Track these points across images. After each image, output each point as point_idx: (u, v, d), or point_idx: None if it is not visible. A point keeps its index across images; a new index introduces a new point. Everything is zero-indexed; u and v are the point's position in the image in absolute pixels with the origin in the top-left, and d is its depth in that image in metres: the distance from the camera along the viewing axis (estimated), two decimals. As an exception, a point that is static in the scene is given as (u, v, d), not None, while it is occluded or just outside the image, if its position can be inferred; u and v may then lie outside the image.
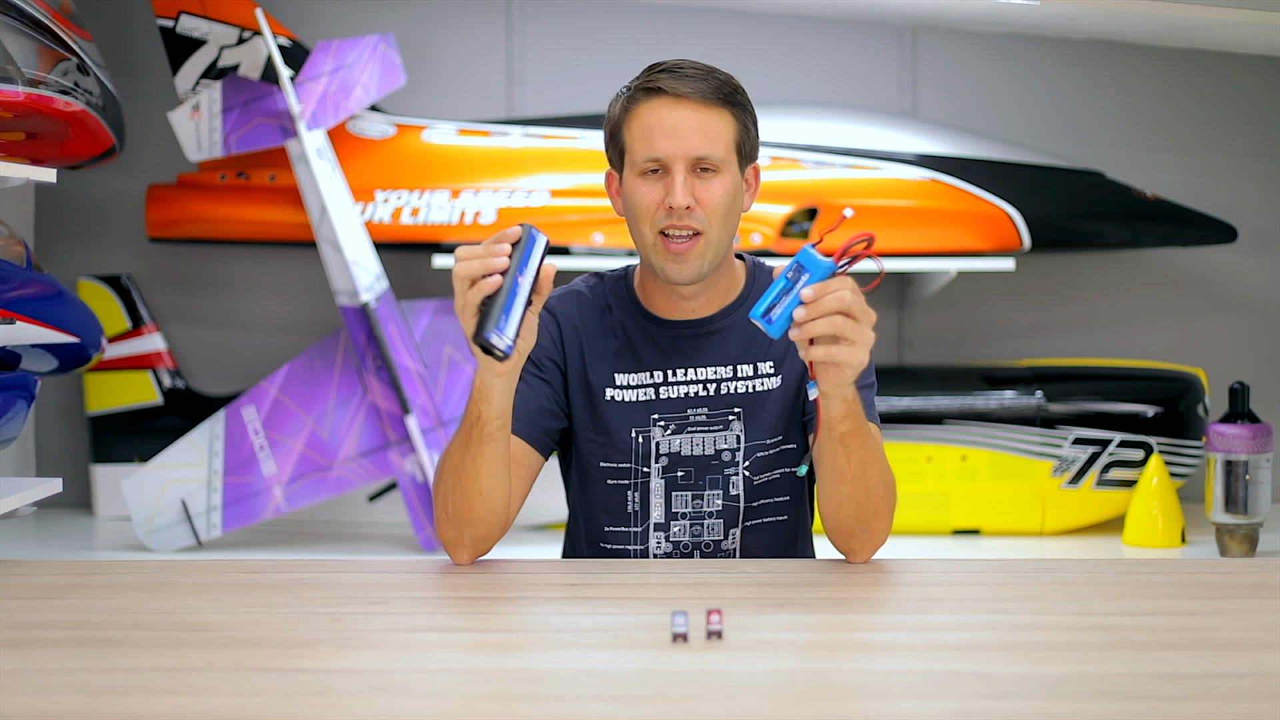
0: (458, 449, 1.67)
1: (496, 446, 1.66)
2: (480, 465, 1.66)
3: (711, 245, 1.75)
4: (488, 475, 1.67)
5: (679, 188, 1.72)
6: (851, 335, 1.51)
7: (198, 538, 3.18)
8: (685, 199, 1.71)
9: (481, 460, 1.66)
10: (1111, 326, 3.75)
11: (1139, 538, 3.21)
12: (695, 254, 1.74)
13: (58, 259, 3.53)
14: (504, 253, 1.54)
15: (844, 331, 1.50)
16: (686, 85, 1.73)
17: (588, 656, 1.33)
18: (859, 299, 1.51)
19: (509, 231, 1.57)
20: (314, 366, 3.26)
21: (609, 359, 1.83)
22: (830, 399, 1.60)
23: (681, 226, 1.72)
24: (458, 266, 1.55)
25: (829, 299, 1.50)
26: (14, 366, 2.43)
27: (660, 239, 1.74)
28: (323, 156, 3.22)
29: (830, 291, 1.50)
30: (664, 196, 1.73)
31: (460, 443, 1.67)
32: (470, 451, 1.66)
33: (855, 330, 1.51)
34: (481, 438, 1.65)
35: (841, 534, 1.72)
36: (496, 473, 1.68)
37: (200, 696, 1.21)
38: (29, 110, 2.39)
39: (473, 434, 1.65)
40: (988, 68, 3.74)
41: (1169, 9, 3.13)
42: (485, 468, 1.67)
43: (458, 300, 1.56)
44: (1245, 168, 3.74)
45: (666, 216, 1.73)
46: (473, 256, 1.55)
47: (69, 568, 1.79)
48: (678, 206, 1.71)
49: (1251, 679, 1.25)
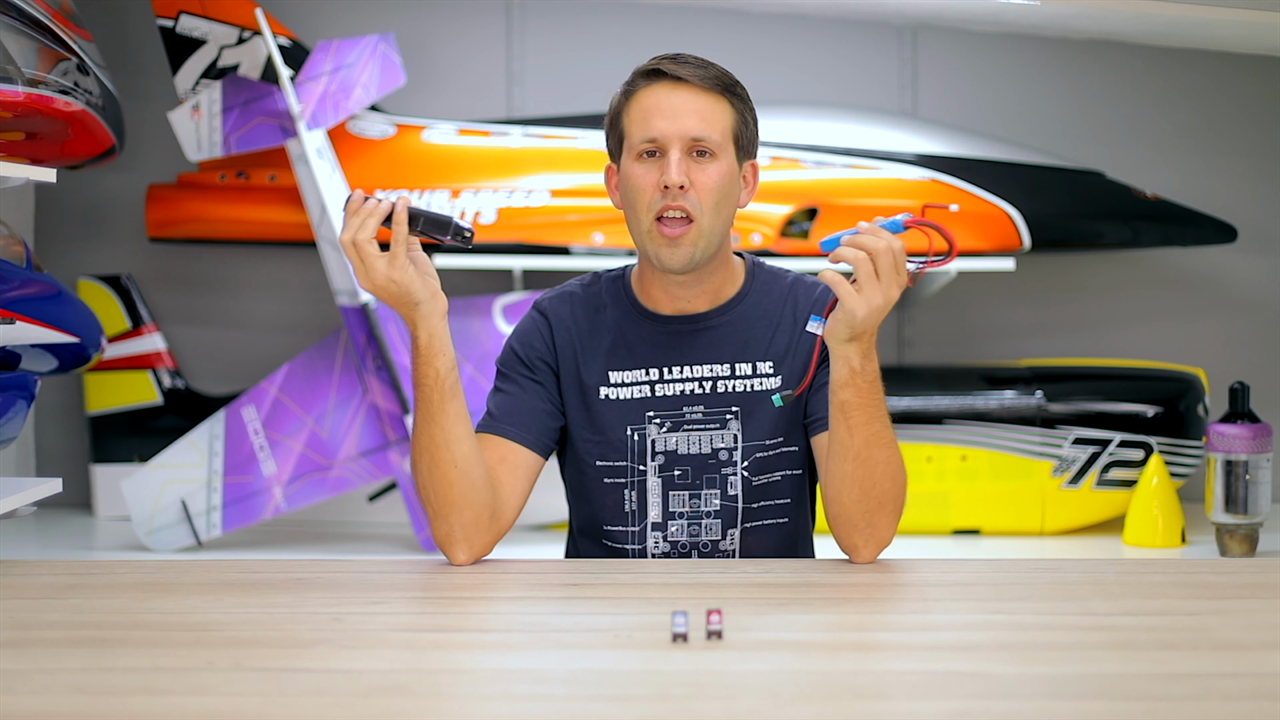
0: (421, 427, 1.68)
1: (459, 404, 1.69)
2: (448, 430, 1.67)
3: (704, 233, 1.74)
4: (458, 440, 1.68)
5: (674, 166, 1.72)
6: (864, 281, 1.58)
7: (198, 538, 3.18)
8: (680, 178, 1.72)
9: (448, 424, 1.67)
10: (1111, 326, 3.75)
11: (1139, 538, 3.21)
12: (687, 240, 1.74)
13: (58, 259, 3.53)
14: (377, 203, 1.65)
15: (861, 273, 1.58)
16: (685, 70, 1.75)
17: (588, 656, 1.33)
18: (891, 257, 1.58)
19: (353, 200, 1.66)
20: (314, 366, 3.26)
21: (603, 356, 1.83)
22: (836, 358, 1.64)
23: (675, 208, 1.73)
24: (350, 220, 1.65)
25: (872, 239, 1.59)
26: (14, 366, 2.43)
27: (655, 225, 1.74)
28: (323, 156, 3.22)
29: (879, 236, 1.59)
30: (659, 178, 1.73)
31: (422, 417, 1.68)
32: (435, 420, 1.67)
33: (870, 280, 1.58)
34: (444, 396, 1.67)
35: (845, 526, 1.71)
36: (466, 436, 1.69)
37: (200, 696, 1.21)
38: (29, 110, 2.39)
39: (433, 398, 1.67)
40: (988, 68, 3.74)
41: (1169, 9, 3.13)
42: (453, 431, 1.67)
43: (347, 233, 1.64)
44: (1245, 168, 3.74)
45: (661, 198, 1.73)
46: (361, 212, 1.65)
47: (69, 568, 1.79)
48: (672, 185, 1.72)
49: (1251, 679, 1.25)
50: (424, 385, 1.67)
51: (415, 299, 1.66)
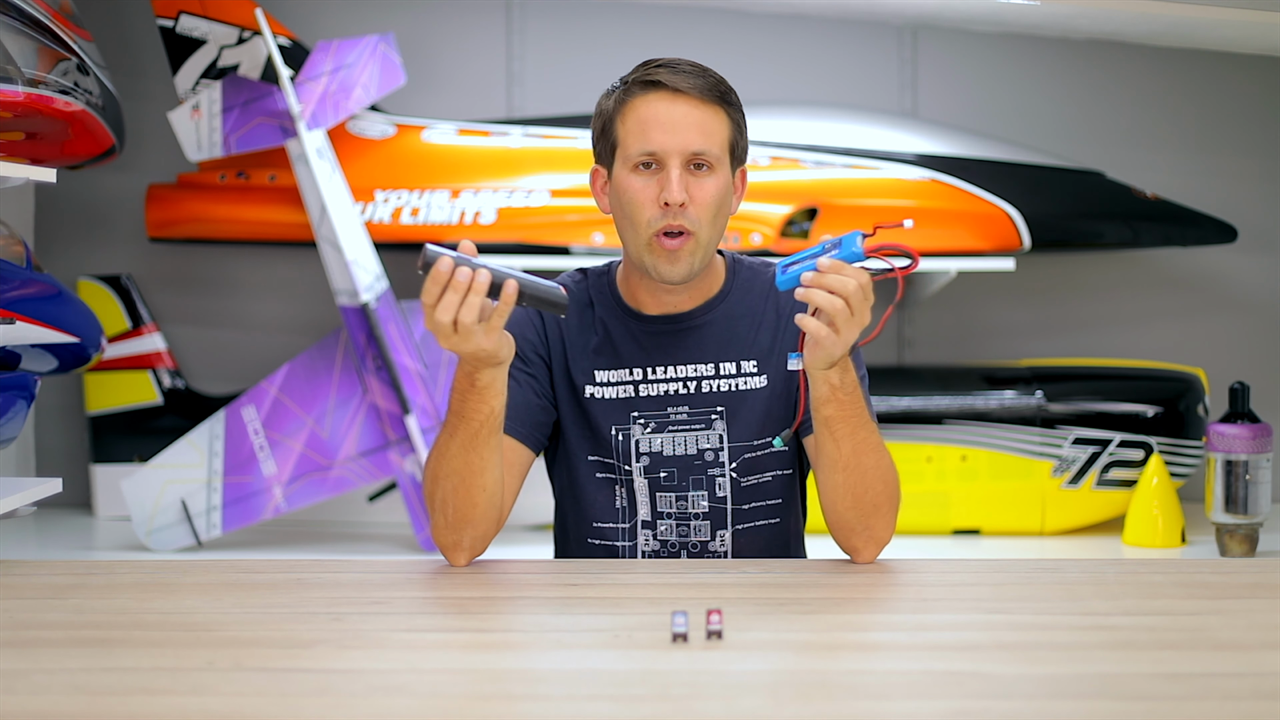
0: (458, 451, 1.67)
1: (499, 439, 1.68)
2: (486, 460, 1.67)
3: (702, 245, 1.74)
4: (492, 469, 1.68)
5: (674, 183, 1.71)
6: (840, 322, 1.55)
7: (198, 538, 3.18)
8: (681, 195, 1.70)
9: (487, 455, 1.67)
10: (1111, 326, 3.75)
11: (1139, 538, 3.21)
12: (686, 252, 1.73)
13: (58, 259, 3.52)
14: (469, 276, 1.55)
15: (835, 315, 1.55)
16: (685, 81, 1.72)
17: (587, 656, 1.33)
18: (862, 295, 1.56)
19: (440, 269, 1.55)
20: (314, 366, 3.26)
21: (589, 355, 1.82)
22: (815, 379, 1.63)
23: (675, 227, 1.72)
24: (448, 299, 1.54)
25: (836, 278, 1.55)
26: (14, 366, 2.43)
27: (655, 239, 1.73)
28: (323, 156, 3.22)
29: (843, 273, 1.55)
30: (658, 193, 1.71)
31: (462, 444, 1.66)
32: (477, 451, 1.66)
33: (845, 320, 1.55)
34: (490, 431, 1.66)
35: (843, 530, 1.71)
36: (497, 465, 1.69)
37: (200, 696, 1.21)
38: (29, 110, 2.38)
39: (480, 433, 1.65)
40: (988, 68, 3.74)
41: (1169, 9, 3.13)
42: (490, 461, 1.67)
43: (446, 312, 1.54)
44: (1245, 168, 3.74)
45: (662, 215, 1.72)
46: (448, 287, 1.54)
47: (69, 568, 1.79)
48: (673, 202, 1.70)
49: (1251, 679, 1.25)
50: (473, 420, 1.65)
51: (499, 360, 1.62)
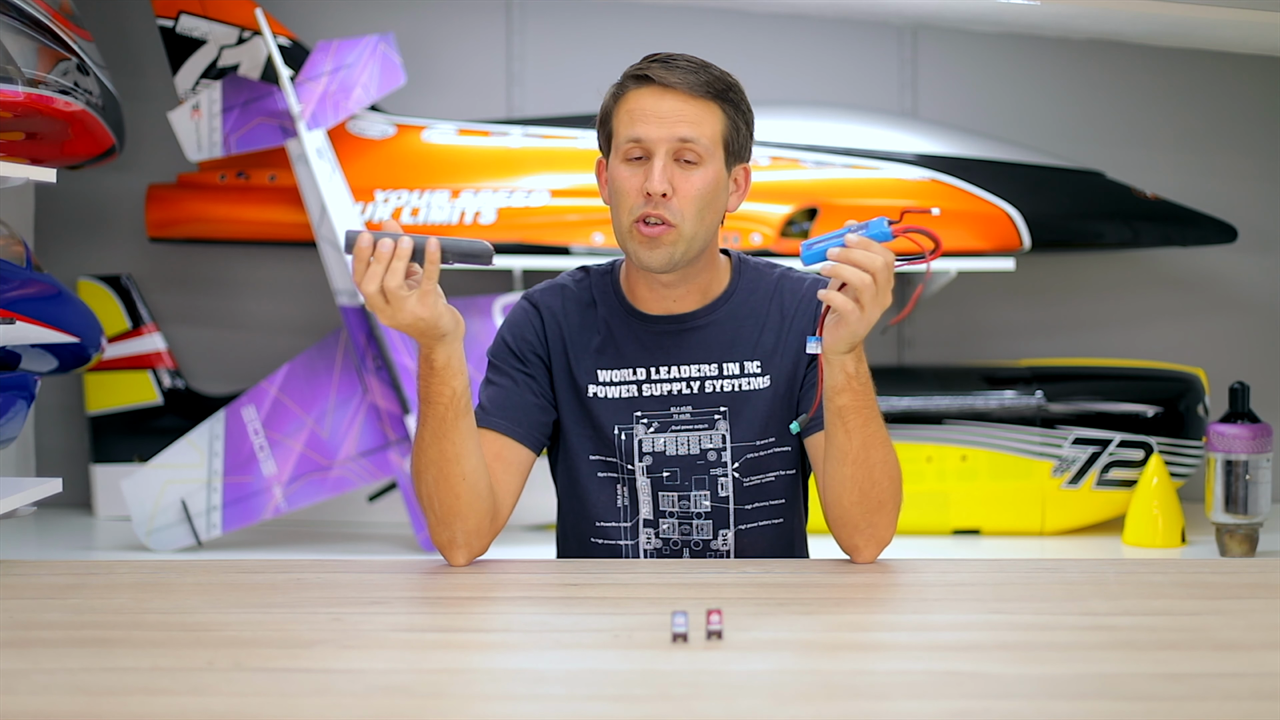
0: (430, 441, 1.67)
1: (470, 419, 1.68)
2: (459, 446, 1.67)
3: (684, 238, 1.74)
4: (468, 454, 1.68)
5: (657, 173, 1.71)
6: (866, 299, 1.56)
7: (197, 538, 3.18)
8: (663, 185, 1.71)
9: (459, 439, 1.67)
10: (1111, 326, 3.75)
11: (1139, 538, 3.21)
12: (666, 242, 1.73)
13: (58, 259, 3.52)
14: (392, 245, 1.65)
15: (862, 291, 1.56)
16: (675, 76, 1.73)
17: (587, 656, 1.33)
18: (888, 273, 1.57)
19: (361, 245, 1.67)
20: (314, 366, 3.26)
21: (592, 354, 1.82)
22: (831, 366, 1.63)
23: (654, 215, 1.72)
24: (372, 269, 1.64)
25: (864, 254, 1.56)
26: (14, 366, 2.43)
27: (634, 225, 1.73)
28: (323, 156, 3.22)
29: (873, 251, 1.56)
30: (643, 183, 1.72)
31: (433, 433, 1.67)
32: (447, 436, 1.67)
33: (870, 297, 1.56)
34: (457, 414, 1.66)
35: (846, 527, 1.71)
36: (474, 450, 1.69)
37: (200, 696, 1.21)
38: (29, 110, 2.39)
39: (447, 416, 1.66)
40: (988, 68, 3.74)
41: (1169, 9, 3.13)
42: (464, 447, 1.67)
43: (372, 282, 1.62)
44: (1245, 168, 3.74)
45: (644, 204, 1.72)
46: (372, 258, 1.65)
47: (69, 568, 1.79)
48: (654, 192, 1.71)
49: (1251, 679, 1.25)
50: (438, 403, 1.66)
51: (443, 331, 1.64)
